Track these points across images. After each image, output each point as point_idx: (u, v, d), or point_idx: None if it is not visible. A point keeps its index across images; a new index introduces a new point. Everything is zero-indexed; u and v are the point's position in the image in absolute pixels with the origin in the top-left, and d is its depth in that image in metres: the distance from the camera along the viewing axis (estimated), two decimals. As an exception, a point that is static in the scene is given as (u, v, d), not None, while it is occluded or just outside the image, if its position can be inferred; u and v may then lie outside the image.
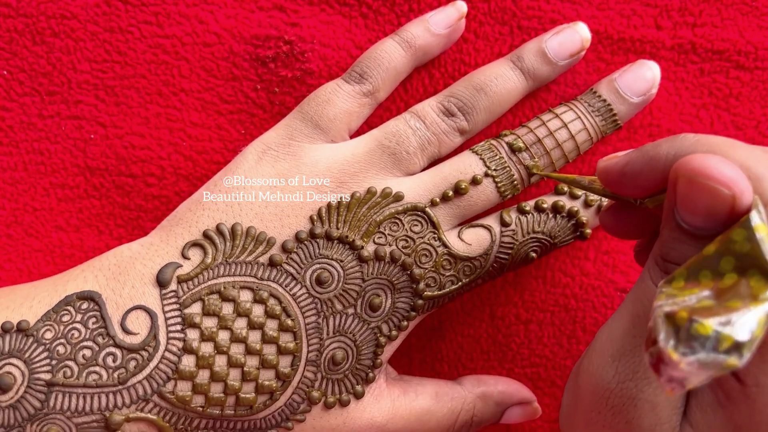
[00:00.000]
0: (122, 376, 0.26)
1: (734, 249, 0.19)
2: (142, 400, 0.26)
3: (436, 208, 0.29)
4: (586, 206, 0.30)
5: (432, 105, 0.30)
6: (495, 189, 0.30)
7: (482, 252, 0.30)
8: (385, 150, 0.29)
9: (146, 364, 0.26)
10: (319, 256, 0.28)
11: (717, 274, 0.19)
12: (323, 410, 0.29)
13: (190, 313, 0.27)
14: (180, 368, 0.26)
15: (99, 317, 0.26)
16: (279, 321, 0.27)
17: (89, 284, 0.27)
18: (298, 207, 0.28)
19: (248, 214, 0.28)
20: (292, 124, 0.30)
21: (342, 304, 0.28)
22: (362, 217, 0.29)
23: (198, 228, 0.28)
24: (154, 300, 0.27)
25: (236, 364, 0.27)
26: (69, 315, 0.26)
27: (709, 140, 0.21)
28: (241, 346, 0.27)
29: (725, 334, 0.17)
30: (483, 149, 0.30)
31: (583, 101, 0.31)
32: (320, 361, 0.28)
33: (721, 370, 0.17)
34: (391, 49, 0.31)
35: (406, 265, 0.29)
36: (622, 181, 0.24)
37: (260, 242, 0.28)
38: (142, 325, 0.26)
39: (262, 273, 0.28)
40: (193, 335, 0.27)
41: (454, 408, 0.31)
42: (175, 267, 0.27)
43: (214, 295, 0.27)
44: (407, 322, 0.30)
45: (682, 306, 0.18)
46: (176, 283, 0.27)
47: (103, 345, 0.26)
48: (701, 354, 0.17)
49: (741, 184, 0.19)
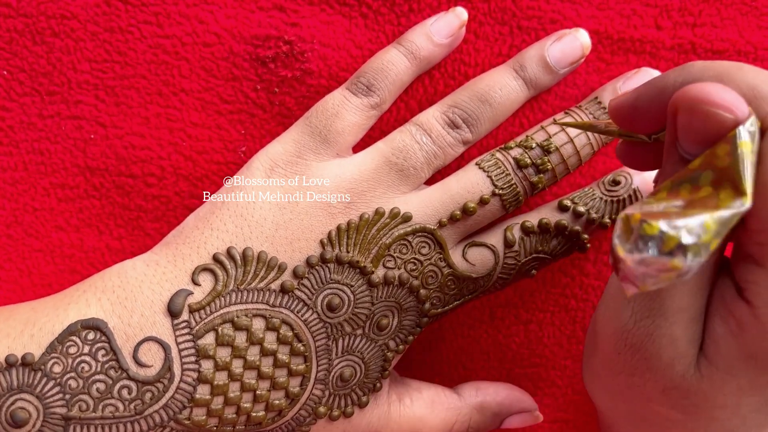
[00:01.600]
0: (138, 407, 0.26)
1: (715, 163, 0.19)
2: (159, 426, 0.26)
3: (443, 228, 0.29)
4: (588, 224, 0.30)
5: (436, 116, 0.30)
6: (501, 206, 0.30)
7: (486, 273, 0.30)
8: (392, 167, 0.29)
9: (162, 395, 0.26)
10: (330, 281, 0.28)
11: (695, 187, 0.19)
12: (327, 422, 0.29)
13: (203, 344, 0.26)
14: (195, 397, 0.26)
15: (108, 349, 0.26)
16: (291, 347, 0.27)
17: (93, 309, 0.26)
18: (308, 230, 0.28)
19: (258, 237, 0.28)
20: (300, 139, 0.29)
21: (351, 327, 0.28)
22: (372, 239, 0.28)
23: (207, 250, 0.28)
24: (166, 331, 0.26)
25: (249, 388, 0.27)
26: (75, 346, 0.26)
27: (715, 66, 0.21)
28: (253, 372, 0.27)
29: (670, 234, 0.17)
30: (490, 166, 0.29)
31: (587, 111, 0.31)
32: (329, 379, 0.28)
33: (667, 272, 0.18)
34: (396, 60, 0.30)
35: (413, 288, 0.29)
36: (634, 116, 0.24)
37: (272, 268, 0.27)
38: (155, 357, 0.26)
39: (274, 300, 0.27)
40: (208, 365, 0.26)
41: (449, 419, 0.31)
42: (186, 295, 0.27)
43: (227, 324, 0.27)
44: (413, 337, 0.30)
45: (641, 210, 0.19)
46: (188, 313, 0.27)
47: (117, 378, 0.26)
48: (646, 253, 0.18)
49: (743, 107, 0.19)
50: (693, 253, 0.18)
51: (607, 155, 0.33)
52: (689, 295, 0.22)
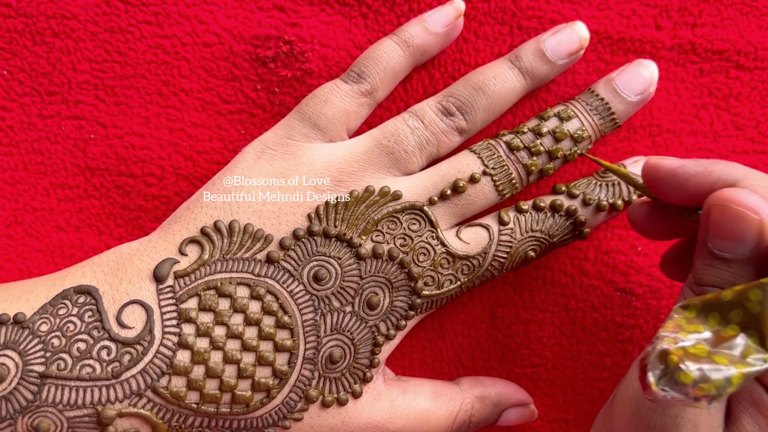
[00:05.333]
0: (116, 369, 0.26)
1: (746, 305, 0.21)
2: (136, 395, 0.26)
3: (434, 206, 0.29)
4: (584, 205, 0.30)
5: (431, 105, 0.30)
6: (493, 188, 0.30)
7: (480, 251, 0.30)
8: (383, 149, 0.29)
9: (141, 358, 0.26)
10: (317, 254, 0.28)
11: (723, 321, 0.22)
12: (321, 409, 0.29)
13: (186, 308, 0.27)
14: (174, 363, 0.26)
15: (95, 311, 0.26)
16: (276, 317, 0.27)
17: (87, 279, 0.27)
18: (296, 205, 0.28)
19: (246, 212, 0.28)
20: (291, 124, 0.30)
21: (339, 302, 0.28)
22: (360, 215, 0.29)
23: (196, 225, 0.28)
24: (151, 295, 0.27)
25: (232, 360, 0.27)
26: (65, 308, 0.26)
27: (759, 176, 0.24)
28: (237, 342, 0.27)
29: (702, 386, 0.20)
30: (481, 148, 0.30)
31: (581, 100, 0.31)
32: (317, 359, 0.28)
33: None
34: (389, 48, 0.31)
35: (404, 264, 0.29)
36: (669, 181, 0.25)
37: (258, 239, 0.28)
38: (138, 319, 0.27)
39: (260, 269, 0.28)
40: (189, 330, 0.27)
41: (452, 408, 0.31)
42: (172, 263, 0.27)
43: (210, 290, 0.27)
44: (405, 322, 0.30)
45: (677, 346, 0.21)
46: (173, 279, 0.27)
47: (98, 338, 0.26)
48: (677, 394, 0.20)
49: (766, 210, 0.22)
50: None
51: (607, 155, 0.33)
52: None
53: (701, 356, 0.21)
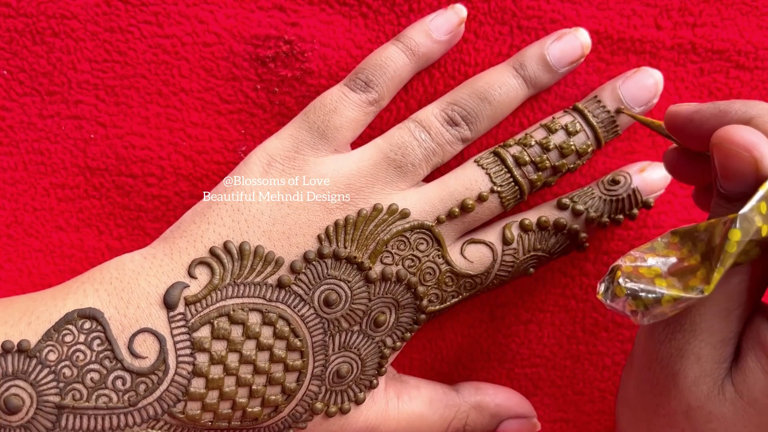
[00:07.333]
0: (132, 399, 0.26)
1: (711, 239, 0.22)
2: (153, 419, 0.26)
3: (441, 225, 0.29)
4: (587, 223, 0.30)
5: (435, 113, 0.30)
6: (500, 203, 0.30)
7: (484, 270, 0.30)
8: (390, 163, 0.29)
9: (156, 387, 0.26)
10: (327, 277, 0.28)
11: (692, 250, 0.23)
12: (324, 418, 0.29)
13: (199, 337, 0.26)
14: (190, 390, 0.26)
15: (104, 339, 0.26)
16: (287, 341, 0.27)
17: (90, 300, 0.26)
18: (305, 225, 0.28)
19: (255, 232, 0.28)
20: (297, 134, 0.29)
21: (348, 323, 0.28)
22: (369, 235, 0.28)
23: (204, 243, 0.28)
24: (162, 323, 0.26)
25: (245, 383, 0.27)
26: (71, 335, 0.26)
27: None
28: (249, 367, 0.27)
29: (630, 301, 0.22)
30: (488, 163, 0.30)
31: (587, 110, 0.30)
32: (325, 375, 0.28)
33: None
34: (395, 56, 0.30)
35: (411, 284, 0.29)
36: (687, 127, 0.25)
37: (268, 262, 0.27)
38: (151, 348, 0.26)
39: (271, 294, 0.27)
40: (203, 359, 0.26)
41: (447, 415, 0.31)
42: (182, 287, 0.27)
43: (223, 317, 0.27)
44: (410, 334, 0.30)
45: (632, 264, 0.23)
46: (184, 305, 0.27)
47: (111, 368, 0.26)
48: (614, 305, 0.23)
49: (761, 147, 0.21)
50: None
51: (607, 155, 0.33)
52: (719, 319, 0.23)
53: (646, 277, 0.23)
